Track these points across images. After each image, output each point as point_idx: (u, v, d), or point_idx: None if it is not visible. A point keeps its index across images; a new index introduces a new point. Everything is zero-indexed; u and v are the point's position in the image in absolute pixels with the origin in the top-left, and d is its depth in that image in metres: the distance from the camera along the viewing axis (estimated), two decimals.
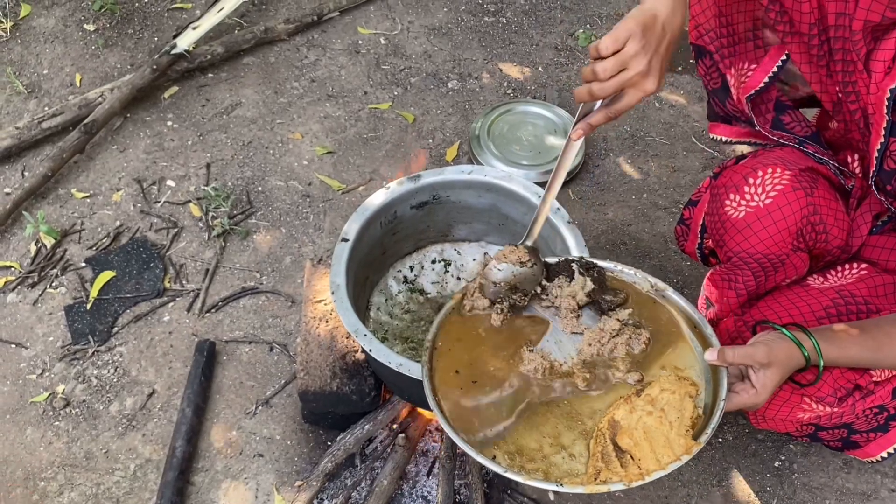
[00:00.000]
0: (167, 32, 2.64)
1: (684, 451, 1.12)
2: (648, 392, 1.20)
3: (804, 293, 1.41)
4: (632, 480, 1.09)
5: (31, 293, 1.99)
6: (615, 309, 1.34)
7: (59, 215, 2.15)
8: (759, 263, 1.37)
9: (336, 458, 1.63)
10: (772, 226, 1.33)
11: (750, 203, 1.35)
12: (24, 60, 2.54)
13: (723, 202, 1.38)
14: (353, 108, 2.44)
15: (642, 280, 1.38)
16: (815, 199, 1.32)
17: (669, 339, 1.30)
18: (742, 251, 1.37)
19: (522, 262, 1.34)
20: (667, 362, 1.27)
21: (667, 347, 1.29)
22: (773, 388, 1.21)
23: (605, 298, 1.34)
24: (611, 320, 1.31)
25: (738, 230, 1.36)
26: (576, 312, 1.34)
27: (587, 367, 1.27)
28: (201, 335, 1.90)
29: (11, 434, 1.76)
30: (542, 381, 1.25)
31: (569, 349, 1.29)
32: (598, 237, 2.11)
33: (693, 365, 1.26)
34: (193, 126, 2.37)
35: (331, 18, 2.70)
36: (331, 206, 2.19)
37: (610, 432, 1.16)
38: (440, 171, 1.68)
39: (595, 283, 1.34)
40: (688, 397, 1.18)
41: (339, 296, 1.49)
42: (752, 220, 1.34)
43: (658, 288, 1.37)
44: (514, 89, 2.50)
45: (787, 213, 1.31)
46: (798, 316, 1.36)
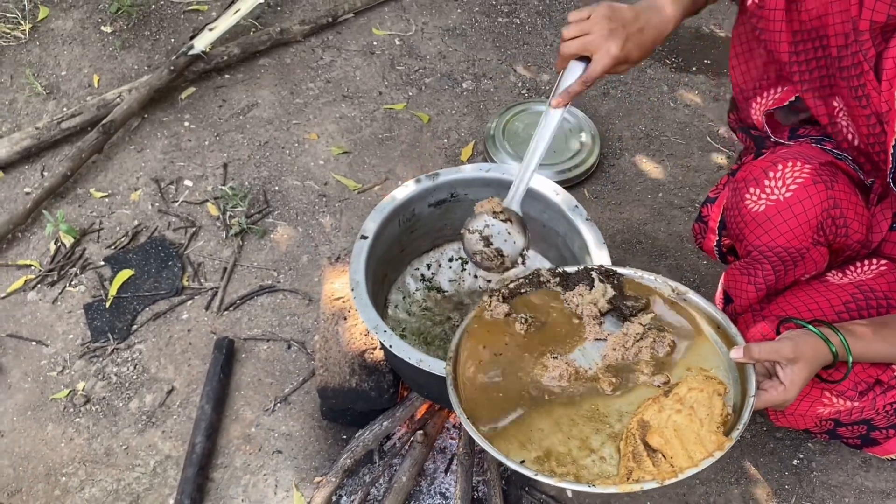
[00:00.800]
0: (183, 34, 2.66)
1: (716, 448, 1.11)
2: (676, 392, 1.20)
3: (823, 288, 1.41)
4: (665, 478, 1.09)
5: (51, 291, 2.01)
6: (637, 314, 1.34)
7: (79, 215, 2.17)
8: (779, 257, 1.37)
9: (355, 454, 1.64)
10: (792, 219, 1.33)
11: (770, 196, 1.35)
12: (42, 62, 2.57)
13: (743, 196, 1.38)
14: (368, 109, 2.46)
15: (663, 285, 1.38)
16: (836, 193, 1.32)
17: (693, 341, 1.30)
18: (762, 245, 1.37)
19: (496, 213, 1.41)
20: (692, 364, 1.27)
21: (691, 349, 1.29)
22: (801, 384, 1.21)
23: (626, 304, 1.35)
24: (634, 325, 1.31)
25: (759, 223, 1.36)
26: (598, 319, 1.35)
27: (612, 371, 1.27)
28: (220, 333, 1.92)
29: (33, 430, 1.77)
30: (567, 387, 1.25)
31: (593, 355, 1.30)
32: (613, 236, 2.11)
33: (718, 365, 1.26)
34: (210, 126, 2.39)
35: (345, 20, 2.72)
36: (347, 206, 2.20)
37: (640, 433, 1.16)
38: (458, 170, 1.69)
39: (615, 289, 1.35)
40: (716, 395, 1.18)
41: (359, 293, 1.50)
42: (772, 213, 1.34)
43: (679, 291, 1.36)
44: (529, 89, 2.51)
45: (807, 206, 1.32)
46: (817, 311, 1.35)
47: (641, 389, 1.24)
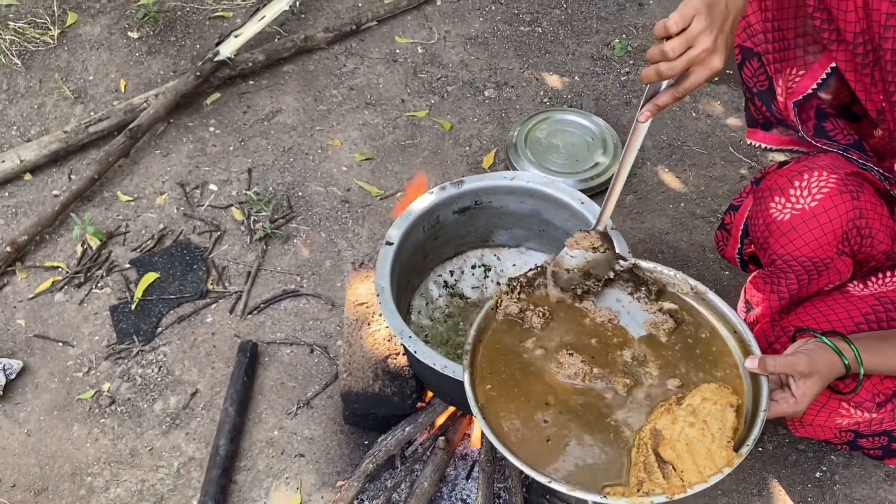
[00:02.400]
0: (209, 40, 2.69)
1: (726, 464, 1.12)
2: (690, 402, 1.19)
3: (843, 300, 1.41)
4: (674, 493, 1.10)
5: (78, 293, 2.04)
6: (656, 300, 1.34)
7: (105, 217, 2.20)
8: (803, 266, 1.37)
9: (377, 459, 1.65)
10: (817, 228, 1.33)
11: (795, 206, 1.35)
12: (70, 67, 2.61)
13: (768, 205, 1.38)
14: (390, 116, 2.48)
15: (682, 282, 1.37)
16: (862, 203, 1.32)
17: (707, 342, 1.30)
18: (786, 254, 1.37)
19: (595, 248, 1.34)
20: (705, 367, 1.26)
21: (705, 351, 1.29)
22: (812, 397, 1.21)
23: (641, 290, 1.35)
24: (656, 313, 1.31)
25: (783, 232, 1.36)
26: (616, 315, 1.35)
27: (624, 371, 1.27)
28: (243, 336, 1.93)
29: (59, 430, 1.79)
30: (581, 386, 1.25)
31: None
32: (635, 246, 2.11)
33: (731, 370, 1.26)
34: (235, 132, 2.42)
35: (369, 28, 2.74)
36: (369, 212, 2.22)
37: (652, 442, 1.16)
38: (483, 177, 1.70)
39: (633, 280, 1.36)
40: (728, 407, 1.18)
41: (384, 298, 1.51)
42: (797, 222, 1.34)
43: (699, 291, 1.36)
44: (551, 98, 2.52)
45: (832, 216, 1.31)
46: (836, 322, 1.35)
47: (654, 393, 1.24)
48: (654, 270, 1.38)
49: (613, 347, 1.30)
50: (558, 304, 1.37)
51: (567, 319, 1.35)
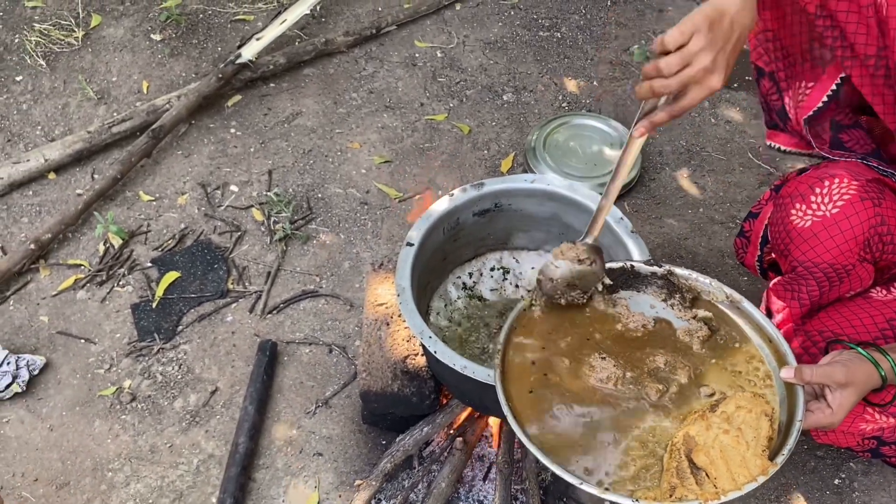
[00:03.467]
0: (230, 43, 2.72)
1: (760, 472, 1.10)
2: (724, 409, 1.17)
3: (867, 305, 1.40)
4: (707, 500, 1.08)
5: (100, 291, 2.06)
6: (690, 307, 1.33)
7: (127, 217, 2.23)
8: (824, 273, 1.37)
9: (395, 458, 1.66)
10: (839, 235, 1.32)
11: (816, 212, 1.35)
12: (94, 68, 2.64)
13: (788, 211, 1.38)
14: (409, 119, 2.49)
15: (717, 290, 1.35)
16: (883, 210, 1.32)
17: (740, 352, 1.29)
18: (807, 260, 1.37)
19: (580, 260, 1.33)
20: (738, 375, 1.25)
21: (738, 360, 1.27)
22: (849, 408, 1.19)
23: (676, 297, 1.34)
24: (689, 320, 1.30)
25: (804, 239, 1.36)
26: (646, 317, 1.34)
27: (655, 376, 1.26)
28: (263, 336, 1.95)
29: (80, 425, 1.81)
30: (614, 391, 1.24)
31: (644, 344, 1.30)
32: (653, 251, 2.11)
33: (762, 381, 1.24)
34: (256, 134, 2.44)
35: (388, 32, 2.76)
36: (388, 214, 2.23)
37: (685, 448, 1.15)
38: (503, 179, 1.71)
39: (668, 286, 1.35)
40: (763, 416, 1.16)
41: (405, 298, 1.52)
42: (818, 229, 1.34)
43: (734, 299, 1.33)
44: (569, 102, 2.53)
45: (854, 222, 1.31)
46: (860, 327, 1.35)
47: (687, 400, 1.22)
48: (688, 278, 1.36)
49: (646, 353, 1.29)
50: (589, 308, 1.36)
51: (599, 322, 1.34)
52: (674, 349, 1.29)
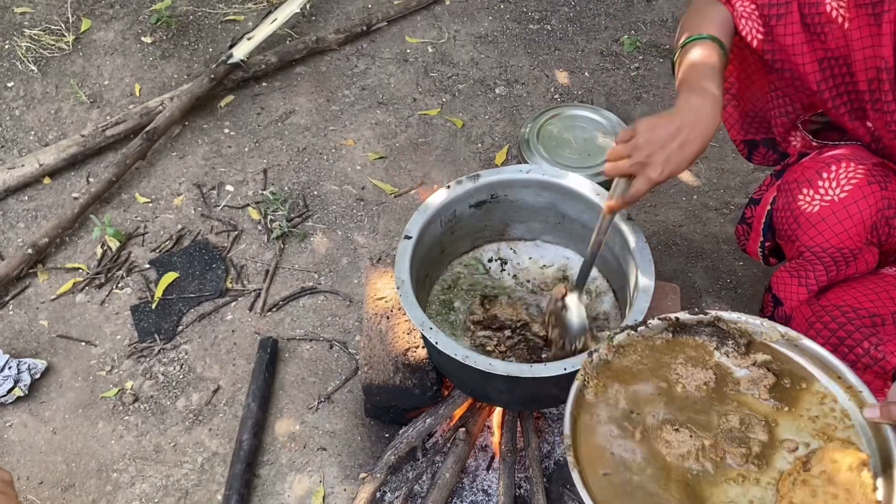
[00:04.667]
0: (221, 44, 2.72)
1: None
2: (822, 468, 1.08)
3: (880, 280, 1.40)
4: None
5: (99, 294, 2.07)
6: (746, 353, 1.26)
7: (124, 219, 2.23)
8: (831, 258, 1.37)
9: (398, 451, 1.67)
10: (847, 219, 1.33)
11: (824, 197, 1.35)
12: (85, 72, 2.64)
13: (795, 196, 1.39)
14: (403, 115, 2.50)
15: (770, 329, 1.26)
16: (890, 194, 1.33)
17: (809, 394, 1.20)
18: (815, 245, 1.37)
19: (558, 300, 1.50)
20: (815, 422, 1.17)
21: (808, 404, 1.19)
22: None
23: (728, 343, 1.27)
24: (748, 368, 1.23)
25: (812, 224, 1.37)
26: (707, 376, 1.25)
27: (731, 439, 1.15)
28: (263, 333, 1.96)
29: (84, 427, 1.82)
30: (696, 465, 1.13)
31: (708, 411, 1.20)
32: (649, 238, 2.11)
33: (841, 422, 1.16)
34: (249, 133, 2.44)
35: (379, 28, 2.76)
36: (384, 209, 2.24)
37: None
38: (499, 171, 1.72)
39: (716, 332, 1.29)
40: (862, 467, 1.07)
41: (405, 290, 1.52)
42: (826, 213, 1.35)
43: (790, 337, 1.25)
44: (561, 94, 2.54)
45: (862, 206, 1.32)
46: (877, 301, 1.34)
47: (773, 460, 1.13)
48: (738, 321, 1.28)
49: (716, 414, 1.19)
50: (645, 372, 1.26)
51: (658, 388, 1.24)
52: (744, 404, 1.20)
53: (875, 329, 1.30)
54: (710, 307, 1.94)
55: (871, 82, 1.30)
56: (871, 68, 1.30)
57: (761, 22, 1.39)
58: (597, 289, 1.75)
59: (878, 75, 1.28)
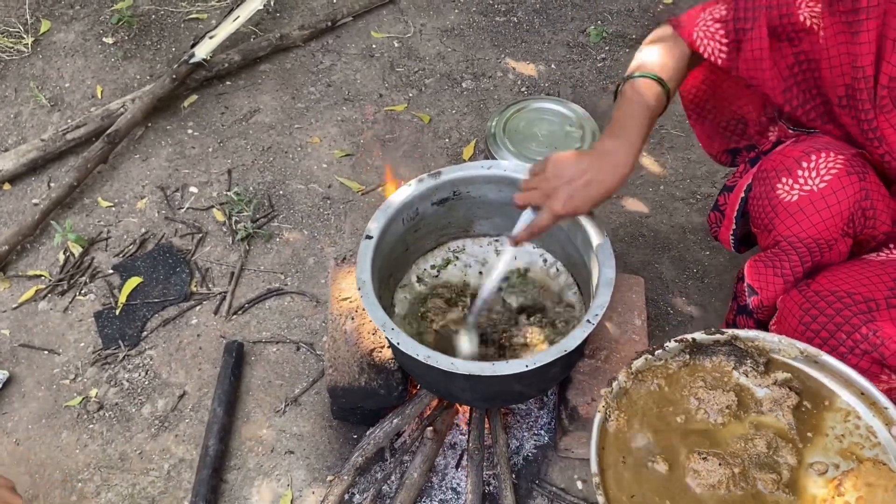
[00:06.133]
0: (184, 43, 2.68)
1: None
2: (856, 493, 1.05)
3: (867, 266, 1.39)
4: None
5: (62, 301, 2.04)
6: (766, 372, 1.24)
7: (86, 224, 2.20)
8: (807, 248, 1.36)
9: (366, 452, 1.66)
10: (825, 210, 1.32)
11: (803, 187, 1.34)
12: (45, 74, 2.59)
13: (774, 185, 1.38)
14: (369, 111, 2.48)
15: (788, 346, 1.25)
16: (868, 184, 1.32)
17: (832, 411, 1.18)
18: (792, 235, 1.36)
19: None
20: (842, 441, 1.15)
21: (833, 422, 1.16)
22: None
23: (746, 362, 1.26)
24: (767, 389, 1.21)
25: (790, 214, 1.36)
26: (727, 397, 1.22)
27: (760, 465, 1.12)
28: (229, 337, 1.94)
29: (48, 438, 1.79)
30: (727, 495, 1.10)
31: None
32: (616, 230, 2.12)
33: (867, 440, 1.15)
34: (214, 133, 2.41)
35: (344, 24, 2.74)
36: (351, 208, 2.22)
37: None
38: (460, 167, 1.70)
39: (733, 351, 1.27)
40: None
41: (366, 291, 1.51)
42: (804, 203, 1.34)
43: (809, 354, 1.23)
44: (528, 87, 2.53)
45: (840, 197, 1.31)
46: (870, 284, 1.32)
47: (803, 485, 1.10)
48: (755, 339, 1.26)
49: (742, 438, 1.17)
50: (665, 399, 1.24)
51: (680, 415, 1.21)
52: (768, 426, 1.18)
53: (871, 314, 1.28)
54: (676, 296, 1.95)
55: (847, 88, 1.30)
56: (846, 75, 1.29)
57: (727, 40, 1.39)
58: (563, 283, 1.75)
59: (853, 84, 1.28)
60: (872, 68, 1.24)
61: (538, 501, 1.65)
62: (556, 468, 1.69)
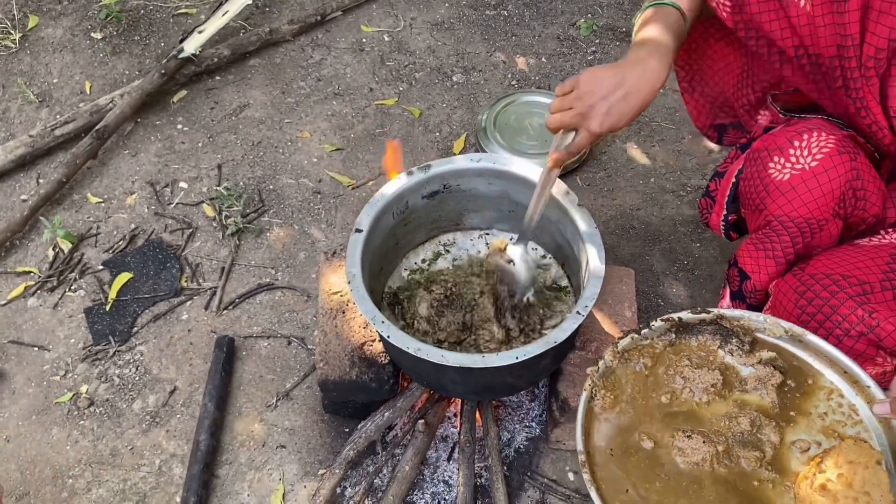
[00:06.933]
0: (173, 38, 2.67)
1: None
2: (837, 470, 1.06)
3: (859, 250, 1.38)
4: None
5: (51, 297, 2.03)
6: (751, 351, 1.24)
7: (75, 220, 2.19)
8: (798, 228, 1.36)
9: (357, 445, 1.66)
10: (817, 189, 1.32)
11: (795, 165, 1.34)
12: (34, 70, 2.58)
13: (766, 164, 1.37)
14: (359, 105, 2.47)
15: (773, 325, 1.26)
16: (859, 165, 1.33)
17: (815, 390, 1.19)
18: (783, 214, 1.36)
19: (501, 250, 1.47)
20: (824, 420, 1.16)
21: (816, 401, 1.17)
22: None
23: (732, 341, 1.26)
24: (754, 366, 1.21)
25: (782, 193, 1.35)
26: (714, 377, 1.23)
27: (744, 442, 1.13)
28: (220, 332, 1.93)
29: (38, 434, 1.79)
30: (711, 472, 1.11)
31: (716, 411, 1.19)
32: (607, 222, 2.13)
33: (849, 418, 1.16)
34: (203, 128, 2.40)
35: (334, 18, 2.73)
36: (342, 202, 2.22)
37: None
38: (450, 161, 1.70)
39: (718, 331, 1.28)
40: (876, 465, 1.05)
41: (356, 285, 1.51)
42: (796, 182, 1.33)
43: (794, 333, 1.24)
44: (518, 80, 2.53)
45: (832, 175, 1.31)
46: (864, 268, 1.32)
47: (786, 462, 1.11)
48: (741, 318, 1.28)
49: (726, 416, 1.18)
50: (652, 376, 1.25)
51: (665, 393, 1.22)
52: (752, 404, 1.19)
53: (867, 297, 1.28)
54: (666, 288, 1.95)
55: (835, 59, 1.29)
56: (831, 46, 1.29)
57: None
58: (553, 275, 1.75)
59: (841, 53, 1.27)
60: (858, 37, 1.24)
61: (530, 493, 1.65)
62: (547, 460, 1.70)
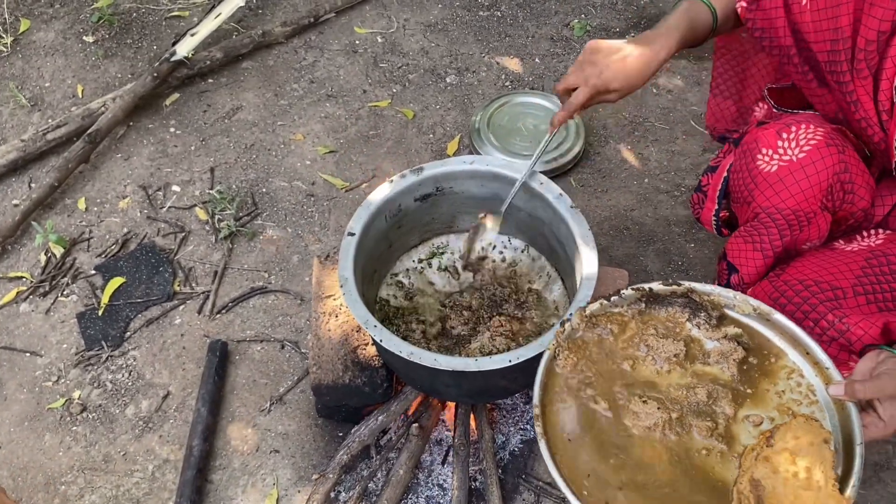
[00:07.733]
0: (165, 41, 2.66)
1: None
2: (783, 445, 1.08)
3: (835, 254, 1.39)
4: None
5: (44, 302, 2.02)
6: (718, 326, 1.25)
7: (68, 225, 2.18)
8: (786, 220, 1.36)
9: (351, 450, 1.65)
10: (804, 180, 1.32)
11: (783, 157, 1.34)
12: (25, 74, 2.57)
13: (754, 156, 1.38)
14: (353, 107, 2.46)
15: (742, 303, 1.27)
16: (847, 157, 1.33)
17: (777, 369, 1.21)
18: (771, 206, 1.36)
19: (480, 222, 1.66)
20: (781, 397, 1.18)
21: (776, 379, 1.19)
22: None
23: (700, 315, 1.27)
24: (720, 341, 1.23)
25: (770, 184, 1.35)
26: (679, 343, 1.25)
27: (698, 412, 1.16)
28: (213, 336, 1.92)
29: (30, 441, 1.78)
30: (663, 438, 1.14)
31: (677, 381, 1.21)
32: (601, 223, 2.12)
33: (806, 397, 1.17)
34: (196, 131, 2.40)
35: (327, 20, 2.72)
36: (335, 205, 2.21)
37: (754, 495, 1.05)
38: (443, 163, 1.70)
39: (689, 304, 1.28)
40: (823, 443, 1.06)
41: (348, 289, 1.50)
42: (784, 173, 1.33)
43: (762, 311, 1.26)
44: (512, 81, 2.52)
45: (819, 167, 1.31)
46: (838, 273, 1.33)
47: (737, 434, 1.14)
48: (711, 293, 1.29)
49: (684, 386, 1.20)
50: (618, 341, 1.27)
51: (628, 359, 1.24)
52: (711, 376, 1.21)
53: (838, 302, 1.29)
54: None
55: (828, 53, 1.29)
56: (825, 41, 1.29)
57: None
58: (547, 277, 1.75)
59: (833, 46, 1.27)
60: (850, 29, 1.24)
61: (524, 496, 1.65)
62: (542, 463, 1.69)
